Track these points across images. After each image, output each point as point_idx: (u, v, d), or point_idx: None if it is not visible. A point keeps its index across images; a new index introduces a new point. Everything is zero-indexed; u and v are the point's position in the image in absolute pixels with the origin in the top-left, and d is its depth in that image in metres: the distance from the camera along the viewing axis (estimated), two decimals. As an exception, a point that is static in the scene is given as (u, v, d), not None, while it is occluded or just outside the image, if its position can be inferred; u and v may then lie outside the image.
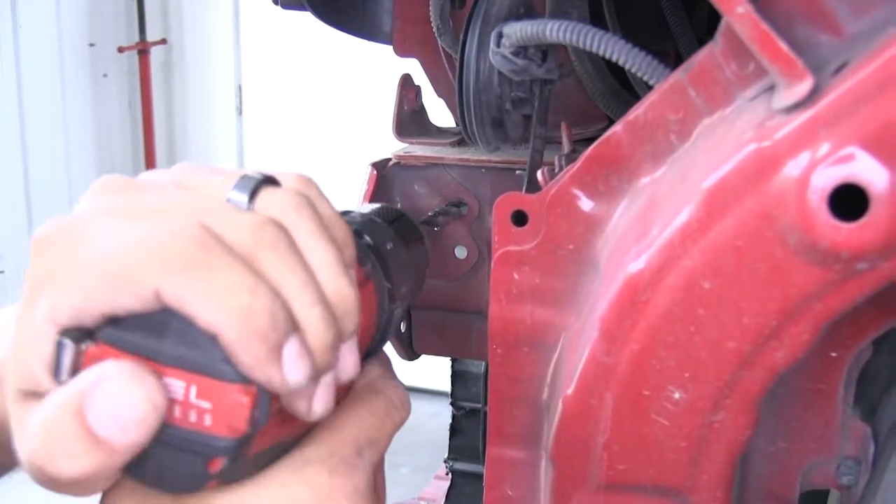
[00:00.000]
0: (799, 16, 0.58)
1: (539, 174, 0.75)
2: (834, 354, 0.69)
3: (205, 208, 0.51)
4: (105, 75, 4.81)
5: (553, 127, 0.89)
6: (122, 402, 0.47)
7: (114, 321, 0.49)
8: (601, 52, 0.66)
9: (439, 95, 1.10)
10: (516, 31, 0.71)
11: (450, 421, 1.32)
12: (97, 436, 0.46)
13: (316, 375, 0.51)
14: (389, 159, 1.00)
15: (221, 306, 0.47)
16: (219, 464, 0.49)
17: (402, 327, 1.07)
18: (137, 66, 4.86)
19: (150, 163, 4.94)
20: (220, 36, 4.81)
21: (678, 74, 0.64)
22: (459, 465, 1.31)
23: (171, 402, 0.48)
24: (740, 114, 0.61)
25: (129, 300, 0.48)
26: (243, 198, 0.52)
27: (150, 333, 0.48)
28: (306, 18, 1.01)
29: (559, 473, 0.68)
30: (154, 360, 0.48)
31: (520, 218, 0.72)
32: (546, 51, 0.76)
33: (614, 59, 0.67)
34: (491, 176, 0.98)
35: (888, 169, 0.52)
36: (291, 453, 0.56)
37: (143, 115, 4.90)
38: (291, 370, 0.49)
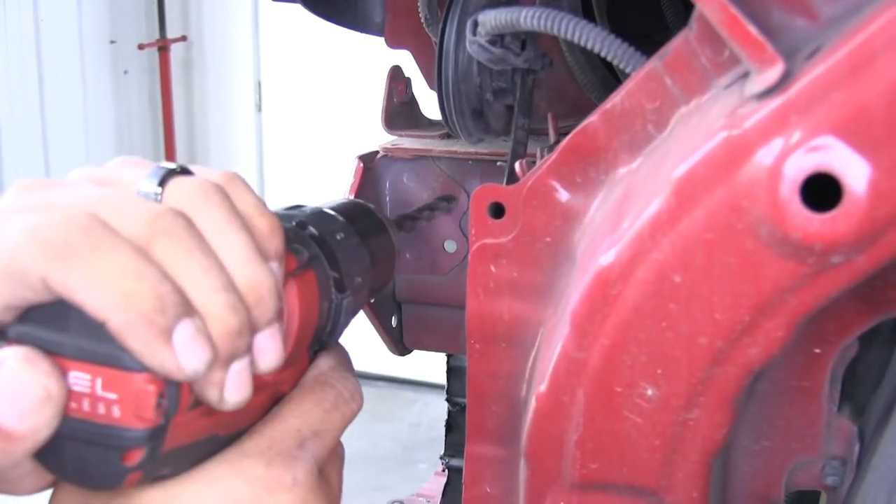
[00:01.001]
0: (774, 0, 0.56)
1: (517, 166, 0.73)
2: (818, 351, 0.67)
3: (103, 199, 0.50)
4: (126, 72, 4.84)
5: (544, 118, 0.87)
6: (14, 386, 0.46)
7: (21, 318, 0.48)
8: (576, 40, 0.64)
9: (431, 88, 1.08)
10: (490, 18, 0.69)
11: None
12: None
13: (221, 362, 0.50)
14: (377, 152, 0.99)
15: (105, 291, 0.46)
16: (135, 456, 0.49)
17: (394, 322, 1.05)
18: (158, 62, 4.88)
19: (169, 158, 4.96)
20: (240, 33, 4.82)
21: (654, 62, 0.62)
22: (455, 462, 1.30)
23: (79, 395, 0.48)
24: (715, 102, 0.59)
25: (22, 291, 0.47)
26: (152, 187, 0.52)
27: (53, 327, 0.48)
28: (326, 16, 1.02)
29: (533, 471, 0.67)
30: (58, 353, 0.47)
31: (497, 210, 0.70)
32: (525, 39, 0.74)
33: (589, 46, 0.65)
34: (480, 168, 0.96)
35: (862, 157, 0.50)
36: (229, 448, 0.55)
37: (164, 112, 4.93)
38: (185, 355, 0.48)
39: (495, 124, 0.85)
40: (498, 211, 0.70)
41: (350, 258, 0.69)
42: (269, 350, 0.53)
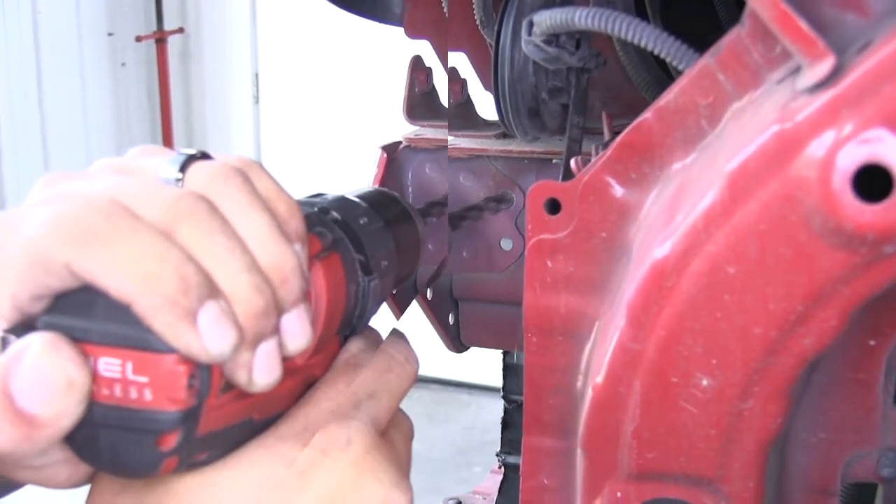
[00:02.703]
0: (825, -4, 0.57)
1: (573, 162, 0.75)
2: (872, 343, 0.67)
3: (125, 186, 0.51)
4: (123, 64, 4.84)
5: (599, 117, 0.89)
6: (38, 373, 0.46)
7: (49, 307, 0.49)
8: (630, 38, 0.66)
9: (487, 88, 1.09)
10: (546, 18, 0.71)
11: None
12: (20, 408, 0.46)
13: (248, 344, 0.50)
14: (399, 142, 1.00)
15: (128, 274, 0.47)
16: (170, 440, 0.49)
17: (451, 319, 1.07)
18: (155, 55, 4.86)
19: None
20: (237, 24, 4.82)
21: (707, 59, 0.63)
22: (512, 459, 1.32)
23: (111, 381, 0.48)
24: (767, 97, 0.60)
25: (47, 279, 0.48)
26: (172, 173, 0.52)
27: (80, 314, 0.48)
28: (322, 6, 1.02)
29: (590, 462, 0.68)
30: (87, 340, 0.48)
31: (553, 206, 0.71)
32: (579, 39, 0.76)
33: (643, 44, 0.66)
34: (535, 167, 0.98)
35: (913, 149, 0.50)
36: (264, 432, 0.56)
37: (162, 104, 4.90)
38: (210, 337, 0.48)
39: (551, 123, 0.86)
40: (554, 207, 0.71)
41: (374, 242, 0.68)
42: (297, 331, 0.53)
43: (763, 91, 0.61)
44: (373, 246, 0.68)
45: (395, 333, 0.67)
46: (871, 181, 0.52)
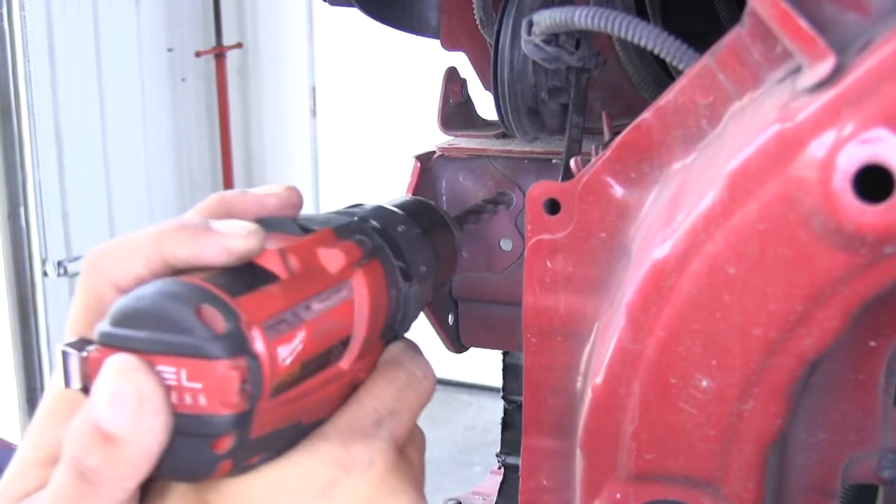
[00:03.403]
0: (825, -5, 0.57)
1: (572, 162, 0.75)
2: (873, 344, 0.67)
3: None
4: (183, 79, 4.93)
5: (599, 117, 0.88)
6: (114, 392, 0.49)
7: (105, 320, 0.51)
8: (629, 38, 0.65)
9: (487, 88, 1.09)
10: (545, 18, 0.70)
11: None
12: (104, 430, 0.49)
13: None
14: (434, 152, 1.01)
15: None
16: (225, 444, 0.50)
17: (450, 320, 1.07)
18: (214, 69, 4.95)
19: (226, 164, 5.03)
20: (294, 39, 4.88)
21: (707, 58, 0.63)
22: (511, 459, 1.31)
23: (167, 389, 0.50)
24: (768, 96, 0.60)
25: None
26: None
27: (138, 326, 0.50)
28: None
29: (589, 463, 0.68)
30: (144, 351, 0.50)
31: (553, 206, 0.71)
32: (579, 38, 0.75)
33: (642, 43, 0.66)
34: (535, 167, 0.97)
35: (914, 149, 0.50)
36: (311, 434, 0.57)
37: (220, 118, 5.00)
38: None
39: (550, 123, 0.86)
40: (553, 207, 0.71)
41: (413, 248, 0.70)
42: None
43: (763, 91, 0.61)
44: (411, 252, 0.70)
45: (412, 347, 0.67)
46: (871, 181, 0.51)
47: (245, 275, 0.55)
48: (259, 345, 0.51)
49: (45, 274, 4.10)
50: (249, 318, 0.51)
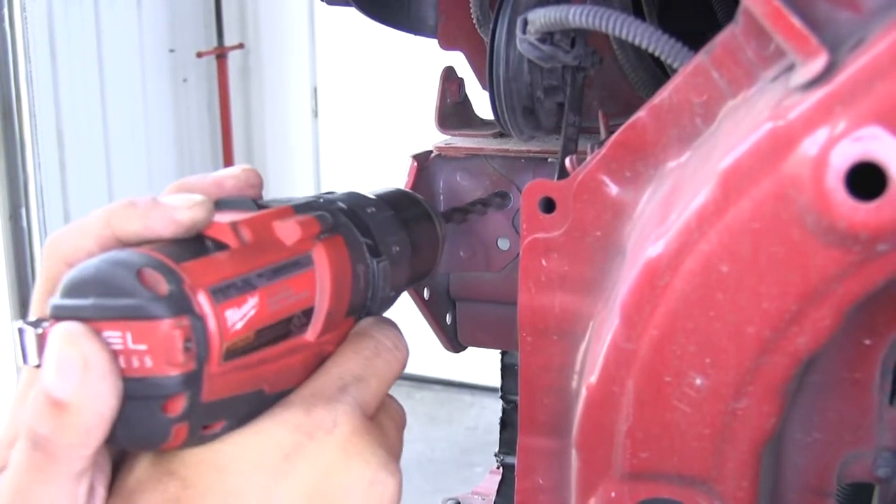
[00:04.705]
0: (818, -7, 0.56)
1: (567, 161, 0.74)
2: (868, 342, 0.67)
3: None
4: (185, 80, 4.93)
5: (597, 117, 0.88)
6: (60, 360, 0.50)
7: (56, 292, 0.53)
8: (623, 36, 0.65)
9: (484, 87, 1.09)
10: (540, 16, 0.70)
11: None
12: (54, 398, 0.50)
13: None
14: (431, 151, 1.01)
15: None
16: (175, 406, 0.51)
17: (448, 319, 1.07)
18: (216, 70, 4.95)
19: (228, 164, 5.03)
20: (296, 39, 4.88)
21: (701, 57, 0.63)
22: (510, 459, 1.31)
23: (114, 353, 0.51)
24: (761, 95, 0.60)
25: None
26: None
27: (84, 295, 0.51)
28: (381, 21, 1.03)
29: (584, 462, 0.68)
30: (91, 318, 0.51)
31: (548, 205, 0.71)
32: (574, 37, 0.75)
33: (636, 42, 0.66)
34: (532, 166, 0.97)
35: (907, 147, 0.50)
36: (275, 404, 0.58)
37: (222, 118, 5.00)
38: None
39: (546, 122, 0.86)
40: (549, 206, 0.71)
41: (383, 229, 0.72)
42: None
43: (757, 89, 0.61)
44: (381, 232, 0.71)
45: (383, 320, 0.68)
46: (864, 179, 0.51)
47: (193, 244, 0.56)
48: (205, 306, 0.52)
49: (46, 275, 4.09)
50: (193, 281, 0.52)
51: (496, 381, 1.33)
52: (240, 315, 0.54)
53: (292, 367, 0.59)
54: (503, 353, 1.27)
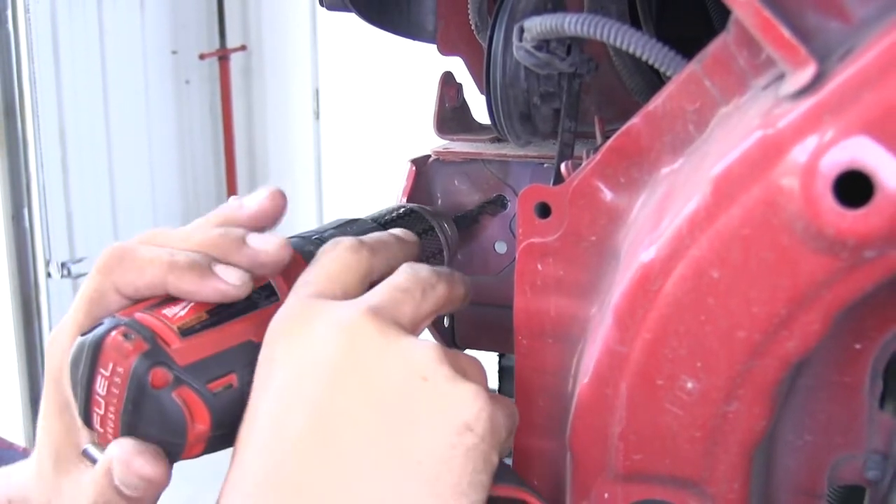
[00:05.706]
0: (808, 3, 0.57)
1: (563, 167, 0.75)
2: (858, 346, 0.68)
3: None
4: (187, 82, 4.94)
5: (594, 122, 0.89)
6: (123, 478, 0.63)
7: None
8: (616, 44, 0.66)
9: (482, 92, 1.10)
10: (536, 24, 0.71)
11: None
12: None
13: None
14: (429, 156, 1.02)
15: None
16: (158, 378, 0.61)
17: (446, 322, 1.08)
18: (218, 72, 4.96)
19: (230, 166, 5.04)
20: (298, 41, 4.88)
21: (694, 65, 0.64)
22: (508, 460, 1.32)
23: (113, 391, 0.62)
24: (753, 103, 0.61)
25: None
26: None
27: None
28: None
29: (578, 463, 0.69)
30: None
31: (544, 210, 0.72)
32: (570, 44, 0.76)
33: (630, 50, 0.67)
34: (530, 170, 0.98)
35: (893, 155, 0.51)
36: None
37: (224, 120, 5.01)
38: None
39: (543, 127, 0.87)
40: (544, 211, 0.72)
41: None
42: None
43: (749, 97, 0.62)
44: None
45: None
46: (851, 187, 0.52)
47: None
48: (138, 315, 0.63)
49: (48, 275, 4.10)
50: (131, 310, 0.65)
51: (494, 384, 1.34)
52: (180, 307, 0.64)
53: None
54: (501, 356, 1.28)
